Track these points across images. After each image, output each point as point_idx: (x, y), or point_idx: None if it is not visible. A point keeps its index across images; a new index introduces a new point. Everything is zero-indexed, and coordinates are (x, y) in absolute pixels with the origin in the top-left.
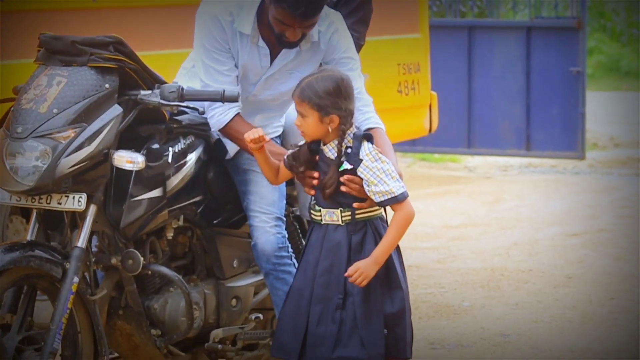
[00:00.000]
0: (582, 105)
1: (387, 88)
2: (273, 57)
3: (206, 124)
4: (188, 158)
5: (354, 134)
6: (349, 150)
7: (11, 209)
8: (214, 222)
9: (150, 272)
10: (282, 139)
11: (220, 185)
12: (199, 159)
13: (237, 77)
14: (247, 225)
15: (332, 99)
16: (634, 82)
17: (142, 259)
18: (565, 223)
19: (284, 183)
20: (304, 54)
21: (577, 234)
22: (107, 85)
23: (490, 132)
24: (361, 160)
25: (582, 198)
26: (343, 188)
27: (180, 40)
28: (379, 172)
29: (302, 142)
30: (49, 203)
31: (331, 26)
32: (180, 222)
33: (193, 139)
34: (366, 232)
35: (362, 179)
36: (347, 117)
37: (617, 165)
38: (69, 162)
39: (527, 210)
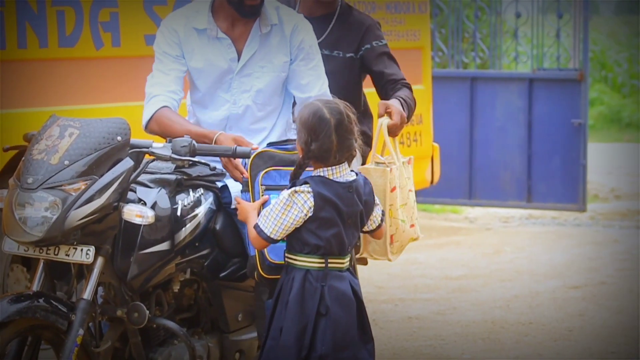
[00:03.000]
0: (583, 158)
1: None
2: (238, 53)
3: (215, 176)
4: (197, 211)
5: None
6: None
7: (12, 258)
8: (220, 275)
9: (155, 325)
10: None
11: (228, 238)
12: (207, 212)
13: (180, 78)
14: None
15: (300, 127)
16: (635, 134)
17: (147, 311)
18: (565, 275)
19: None
20: (271, 41)
21: (577, 286)
22: (119, 138)
23: (491, 183)
24: None
25: (582, 250)
26: None
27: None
28: (270, 206)
29: None
30: (57, 254)
31: (295, 17)
32: (187, 275)
33: (202, 191)
34: (286, 278)
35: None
36: (308, 152)
37: (618, 218)
38: (79, 214)
39: (527, 262)
